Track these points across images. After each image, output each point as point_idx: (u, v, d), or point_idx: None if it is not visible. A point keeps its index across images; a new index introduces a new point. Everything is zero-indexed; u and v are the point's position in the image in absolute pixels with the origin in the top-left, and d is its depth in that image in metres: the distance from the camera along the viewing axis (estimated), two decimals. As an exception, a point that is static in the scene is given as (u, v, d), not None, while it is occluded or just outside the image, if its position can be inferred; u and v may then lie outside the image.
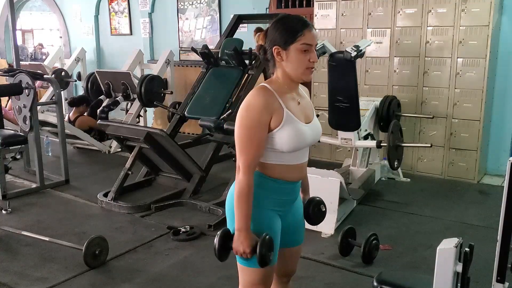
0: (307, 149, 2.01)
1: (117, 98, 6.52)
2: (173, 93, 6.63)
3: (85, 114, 6.79)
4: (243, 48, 5.10)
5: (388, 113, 4.94)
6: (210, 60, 5.29)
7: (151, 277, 3.26)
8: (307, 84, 2.10)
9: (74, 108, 6.71)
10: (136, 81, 6.19)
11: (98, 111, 6.49)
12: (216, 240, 1.90)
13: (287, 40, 1.84)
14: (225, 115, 4.66)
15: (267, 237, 1.85)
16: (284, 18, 1.91)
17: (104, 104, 6.59)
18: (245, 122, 1.84)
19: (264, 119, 1.83)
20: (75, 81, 8.15)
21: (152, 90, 6.08)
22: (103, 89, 6.69)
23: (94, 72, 6.90)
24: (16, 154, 5.30)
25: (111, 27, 8.66)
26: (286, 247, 2.05)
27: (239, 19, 5.90)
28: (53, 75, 6.87)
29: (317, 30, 6.25)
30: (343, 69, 4.44)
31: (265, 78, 5.10)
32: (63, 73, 7.49)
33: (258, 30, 1.96)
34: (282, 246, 2.01)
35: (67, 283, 3.18)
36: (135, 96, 6.20)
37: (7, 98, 6.37)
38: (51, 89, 6.93)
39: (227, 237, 1.90)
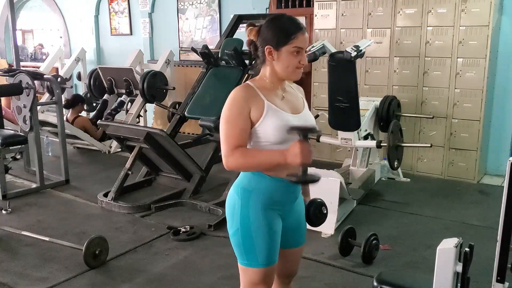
0: None
1: (121, 98, 6.50)
2: (175, 88, 6.63)
3: (83, 112, 6.77)
4: (243, 48, 5.11)
5: (388, 113, 4.93)
6: (210, 60, 5.29)
7: (151, 277, 3.26)
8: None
9: (71, 109, 6.69)
10: (138, 77, 6.20)
11: (104, 113, 6.47)
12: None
13: (280, 42, 1.86)
14: (225, 115, 4.66)
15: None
16: (278, 18, 1.92)
17: (112, 107, 6.56)
18: (227, 115, 1.87)
19: (244, 111, 1.85)
20: (71, 87, 8.05)
21: (154, 86, 6.09)
22: (105, 85, 6.69)
23: (96, 68, 6.89)
24: (16, 154, 5.30)
25: (111, 27, 8.66)
26: (287, 247, 2.05)
27: (239, 19, 5.90)
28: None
29: (317, 30, 6.22)
30: (343, 69, 4.44)
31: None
32: (59, 79, 7.44)
33: (251, 25, 1.97)
34: (283, 247, 2.01)
35: (67, 283, 3.18)
36: (138, 92, 6.21)
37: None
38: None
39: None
